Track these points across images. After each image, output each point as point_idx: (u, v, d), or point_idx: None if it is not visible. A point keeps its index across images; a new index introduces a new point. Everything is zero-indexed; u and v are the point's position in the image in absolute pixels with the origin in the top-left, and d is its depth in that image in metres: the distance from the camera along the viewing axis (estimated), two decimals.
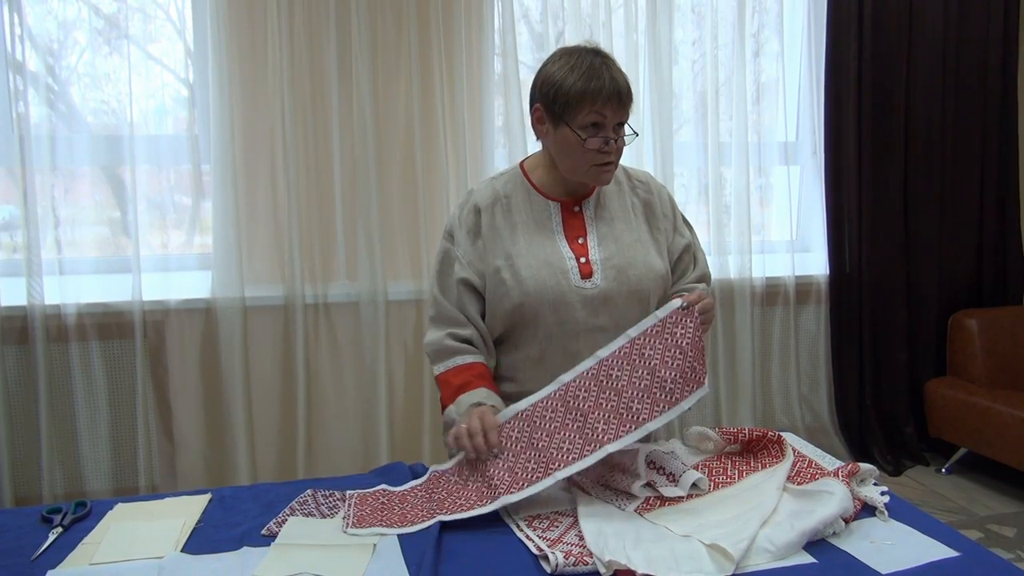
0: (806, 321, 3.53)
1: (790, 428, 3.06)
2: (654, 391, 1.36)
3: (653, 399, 1.35)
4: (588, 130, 1.47)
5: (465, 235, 1.60)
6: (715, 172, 3.32)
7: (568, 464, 1.33)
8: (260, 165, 2.87)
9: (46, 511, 1.32)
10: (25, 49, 2.66)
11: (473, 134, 3.03)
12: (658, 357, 1.38)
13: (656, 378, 1.36)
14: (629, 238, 1.59)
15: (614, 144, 1.49)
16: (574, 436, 1.36)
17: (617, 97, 1.46)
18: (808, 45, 3.40)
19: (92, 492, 2.77)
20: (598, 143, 1.48)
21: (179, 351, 2.85)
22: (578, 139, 1.48)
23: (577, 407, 1.39)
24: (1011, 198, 3.61)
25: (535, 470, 1.34)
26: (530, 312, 1.54)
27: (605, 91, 1.45)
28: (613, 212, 1.61)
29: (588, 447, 1.34)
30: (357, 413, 3.00)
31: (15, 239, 2.75)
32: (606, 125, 1.48)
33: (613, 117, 1.48)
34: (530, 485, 1.32)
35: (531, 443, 1.38)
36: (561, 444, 1.36)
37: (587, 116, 1.47)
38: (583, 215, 1.60)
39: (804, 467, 1.43)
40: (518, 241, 1.57)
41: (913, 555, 1.17)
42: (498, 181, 1.65)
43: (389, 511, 1.33)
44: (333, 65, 2.85)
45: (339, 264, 2.97)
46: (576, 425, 1.37)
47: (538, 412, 1.41)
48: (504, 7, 3.00)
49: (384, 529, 1.26)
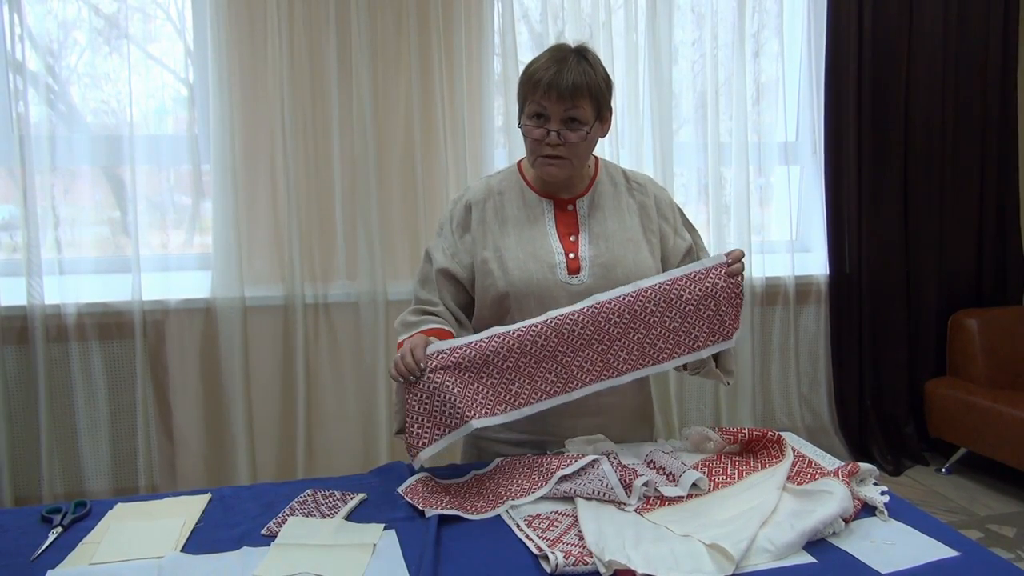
0: (806, 321, 3.53)
1: (790, 428, 3.06)
2: (680, 335, 1.47)
3: (677, 341, 1.47)
4: (533, 120, 1.50)
5: (453, 230, 1.62)
6: (715, 172, 3.32)
7: (585, 384, 1.44)
8: (260, 165, 2.87)
9: (46, 511, 1.32)
10: (25, 49, 2.66)
11: (473, 134, 3.03)
12: (692, 303, 1.47)
13: (685, 323, 1.47)
14: (620, 237, 1.59)
15: (555, 136, 1.49)
16: (595, 357, 1.45)
17: (556, 90, 1.46)
18: (808, 45, 3.40)
19: (92, 492, 2.76)
20: (538, 133, 1.50)
21: (179, 351, 2.85)
22: (525, 128, 1.52)
23: (607, 330, 1.45)
24: (1011, 198, 3.62)
25: (554, 383, 1.43)
26: (515, 303, 1.54)
27: (545, 82, 1.46)
28: (607, 211, 1.61)
29: (607, 372, 1.45)
30: (357, 413, 3.00)
31: (15, 239, 2.75)
32: (550, 117, 1.49)
33: (555, 110, 1.48)
34: (547, 398, 1.42)
35: (554, 355, 1.44)
36: (583, 364, 1.45)
37: (531, 106, 1.50)
38: (576, 213, 1.61)
39: (804, 467, 1.43)
40: (508, 235, 1.58)
41: (913, 555, 1.17)
42: (494, 178, 1.67)
43: (455, 495, 1.38)
44: (333, 65, 2.85)
45: (339, 264, 2.97)
46: (601, 348, 1.45)
47: (567, 325, 1.44)
48: (504, 7, 3.00)
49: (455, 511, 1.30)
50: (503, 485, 1.39)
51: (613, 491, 1.31)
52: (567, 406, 1.48)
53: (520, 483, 1.38)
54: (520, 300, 1.54)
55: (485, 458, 1.56)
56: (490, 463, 1.49)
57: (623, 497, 1.31)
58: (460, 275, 1.60)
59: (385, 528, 1.27)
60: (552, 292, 1.54)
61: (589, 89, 1.49)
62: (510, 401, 1.40)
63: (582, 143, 1.52)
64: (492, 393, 1.40)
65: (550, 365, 1.43)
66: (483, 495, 1.37)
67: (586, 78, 1.48)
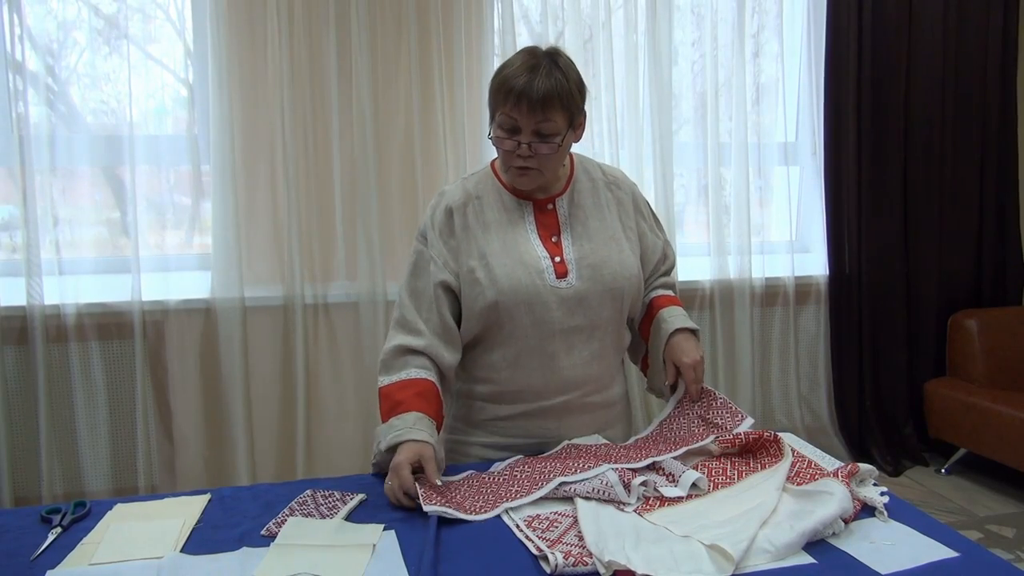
0: (806, 322, 3.53)
1: (790, 428, 3.06)
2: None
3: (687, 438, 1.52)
4: (503, 131, 1.45)
5: (438, 236, 1.55)
6: (715, 172, 3.32)
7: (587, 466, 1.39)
8: (260, 165, 2.87)
9: (45, 511, 1.32)
10: (25, 49, 2.66)
11: (473, 134, 3.03)
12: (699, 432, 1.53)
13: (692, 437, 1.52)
14: (603, 236, 1.57)
15: (526, 149, 1.43)
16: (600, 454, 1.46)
17: (527, 101, 1.39)
18: (808, 45, 3.40)
19: (91, 492, 2.76)
20: (509, 145, 1.44)
21: (178, 351, 2.85)
22: (495, 139, 1.47)
23: (613, 452, 1.47)
24: (1010, 198, 3.62)
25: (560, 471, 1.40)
26: (505, 312, 1.50)
27: (515, 93, 1.40)
28: (587, 210, 1.58)
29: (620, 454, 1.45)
30: (357, 413, 3.00)
31: (15, 239, 2.75)
32: (521, 129, 1.43)
33: (526, 122, 1.41)
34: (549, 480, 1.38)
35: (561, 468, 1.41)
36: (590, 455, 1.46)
37: (500, 117, 1.45)
38: (556, 213, 1.57)
39: (804, 467, 1.43)
40: (492, 240, 1.53)
41: (913, 555, 1.17)
42: (469, 182, 1.61)
43: (454, 494, 1.37)
44: (333, 65, 2.85)
45: (339, 264, 2.97)
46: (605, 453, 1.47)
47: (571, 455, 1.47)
48: (504, 8, 3.00)
49: (452, 511, 1.28)
50: (503, 487, 1.39)
51: (613, 489, 1.31)
52: (553, 409, 1.51)
53: (521, 484, 1.38)
54: (510, 309, 1.50)
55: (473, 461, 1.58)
56: (491, 464, 1.49)
57: (623, 496, 1.31)
58: (455, 285, 1.54)
59: (385, 528, 1.27)
60: (542, 298, 1.50)
61: (560, 99, 1.42)
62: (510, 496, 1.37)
63: (553, 155, 1.47)
64: (493, 495, 1.38)
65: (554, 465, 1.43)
66: (483, 495, 1.37)
67: (557, 86, 1.41)
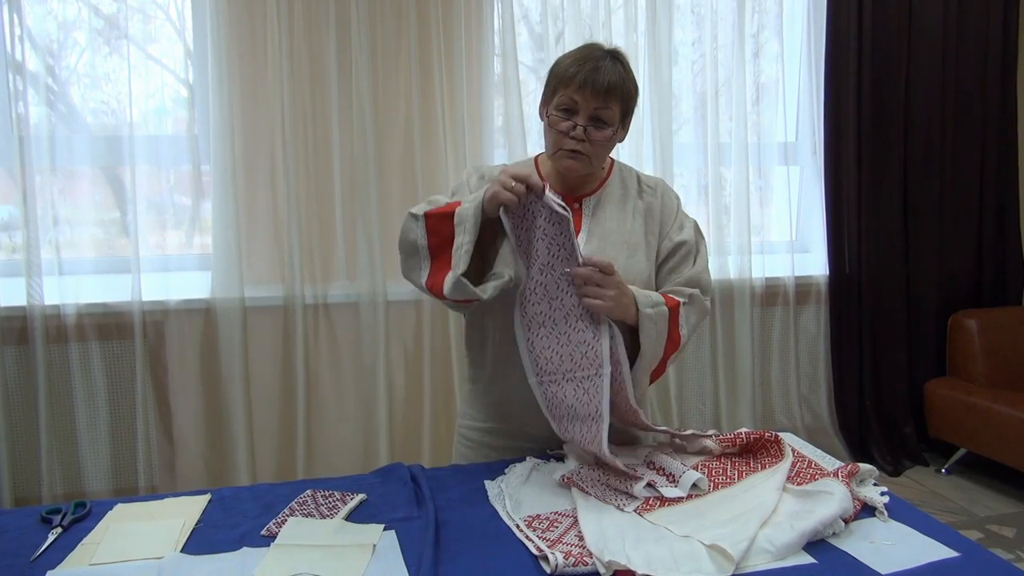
0: (806, 321, 3.53)
1: (790, 428, 3.06)
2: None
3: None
4: (561, 112, 1.50)
5: (470, 193, 1.56)
6: (715, 172, 3.32)
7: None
8: (260, 165, 2.87)
9: (46, 511, 1.32)
10: (25, 49, 2.66)
11: (473, 134, 3.03)
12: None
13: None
14: (616, 239, 1.58)
15: (581, 132, 1.49)
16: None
17: (592, 86, 1.46)
18: (808, 45, 3.41)
19: (91, 492, 2.77)
20: (565, 126, 1.50)
21: (179, 351, 2.85)
22: (551, 119, 1.51)
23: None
24: (1010, 198, 3.62)
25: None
26: (511, 292, 1.50)
27: (580, 77, 1.47)
28: (610, 213, 1.61)
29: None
30: (357, 413, 3.00)
31: (14, 239, 2.76)
32: (579, 112, 1.49)
33: (586, 105, 1.48)
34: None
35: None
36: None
37: (561, 98, 1.50)
38: (582, 212, 1.60)
39: (804, 467, 1.43)
40: None
41: (913, 555, 1.17)
42: (510, 166, 1.64)
43: None
44: (333, 65, 2.85)
45: (339, 264, 2.97)
46: None
47: None
48: (504, 8, 3.00)
49: None
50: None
51: (616, 493, 1.32)
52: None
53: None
54: (513, 292, 1.50)
55: (478, 459, 1.59)
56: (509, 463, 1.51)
57: (626, 488, 1.33)
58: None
59: (385, 528, 1.27)
60: None
61: (621, 91, 1.50)
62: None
63: (605, 143, 1.52)
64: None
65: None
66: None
67: (620, 80, 1.49)
